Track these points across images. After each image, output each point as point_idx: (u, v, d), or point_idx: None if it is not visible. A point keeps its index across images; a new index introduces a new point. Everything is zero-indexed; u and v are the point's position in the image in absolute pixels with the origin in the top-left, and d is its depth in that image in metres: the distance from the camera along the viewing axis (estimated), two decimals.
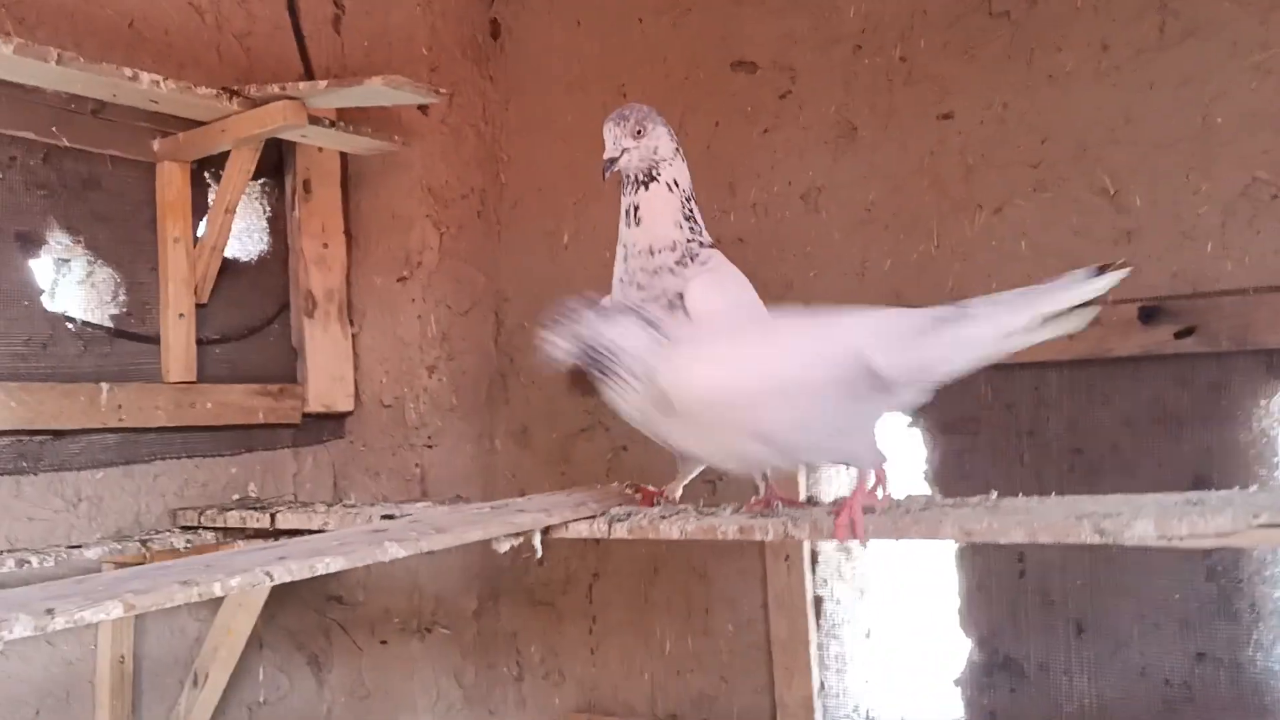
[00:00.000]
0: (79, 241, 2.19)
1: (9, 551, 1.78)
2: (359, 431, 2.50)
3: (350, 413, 2.50)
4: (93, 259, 2.23)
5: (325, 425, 2.48)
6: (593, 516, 1.54)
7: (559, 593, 2.42)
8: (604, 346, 1.42)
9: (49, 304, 2.15)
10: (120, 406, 2.13)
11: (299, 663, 2.33)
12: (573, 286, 2.37)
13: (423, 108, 2.57)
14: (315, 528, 1.82)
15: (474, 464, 2.57)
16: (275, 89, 2.11)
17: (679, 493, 1.68)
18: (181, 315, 2.24)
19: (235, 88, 2.16)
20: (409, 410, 2.49)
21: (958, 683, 2.04)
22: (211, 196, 2.37)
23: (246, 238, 2.47)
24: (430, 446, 2.48)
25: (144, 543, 1.91)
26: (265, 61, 2.55)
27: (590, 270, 2.48)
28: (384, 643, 2.37)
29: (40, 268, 2.16)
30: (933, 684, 2.10)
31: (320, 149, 2.50)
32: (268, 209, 2.52)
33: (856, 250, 2.21)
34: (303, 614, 2.33)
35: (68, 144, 2.17)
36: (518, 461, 2.56)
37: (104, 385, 2.11)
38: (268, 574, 1.21)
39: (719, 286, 1.59)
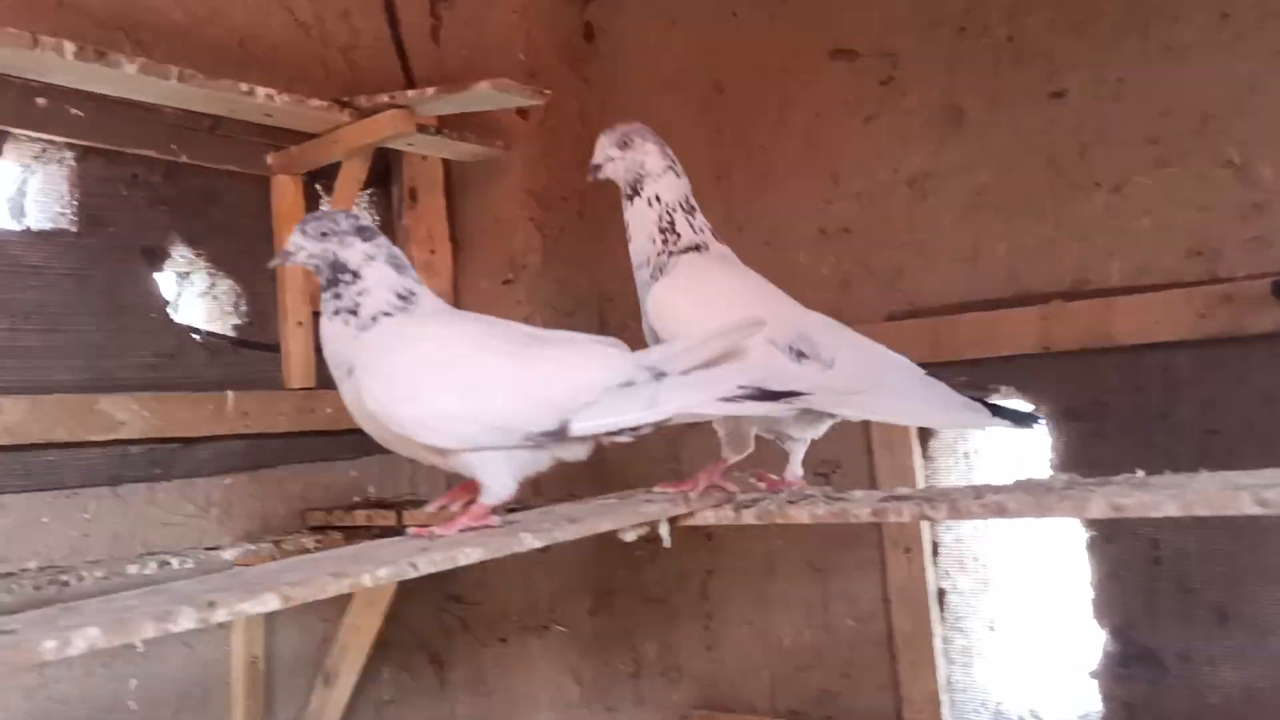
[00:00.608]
0: (200, 255, 2.27)
1: (149, 554, 1.85)
2: None
3: None
4: (213, 271, 2.30)
5: None
6: (719, 504, 1.53)
7: (673, 590, 2.41)
8: (346, 266, 1.39)
9: (175, 316, 2.24)
10: (246, 414, 2.19)
11: (421, 661, 2.37)
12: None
13: (522, 112, 2.60)
14: None
15: (583, 464, 2.57)
16: (385, 98, 2.16)
17: (799, 473, 1.63)
18: (300, 323, 2.30)
19: (345, 99, 2.21)
20: None
21: (1094, 675, 1.98)
22: (323, 207, 2.43)
23: None
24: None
25: (276, 543, 1.96)
26: (368, 73, 2.61)
27: None
28: (503, 641, 2.40)
29: (165, 281, 2.24)
30: (1064, 676, 2.04)
31: (424, 157, 2.54)
32: (376, 217, 2.57)
33: (968, 236, 2.16)
34: (424, 613, 2.37)
35: (187, 160, 2.25)
36: (626, 461, 2.56)
37: (229, 393, 2.17)
38: (412, 565, 1.22)
39: (669, 291, 1.56)
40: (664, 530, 1.51)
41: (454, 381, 1.36)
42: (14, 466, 1.94)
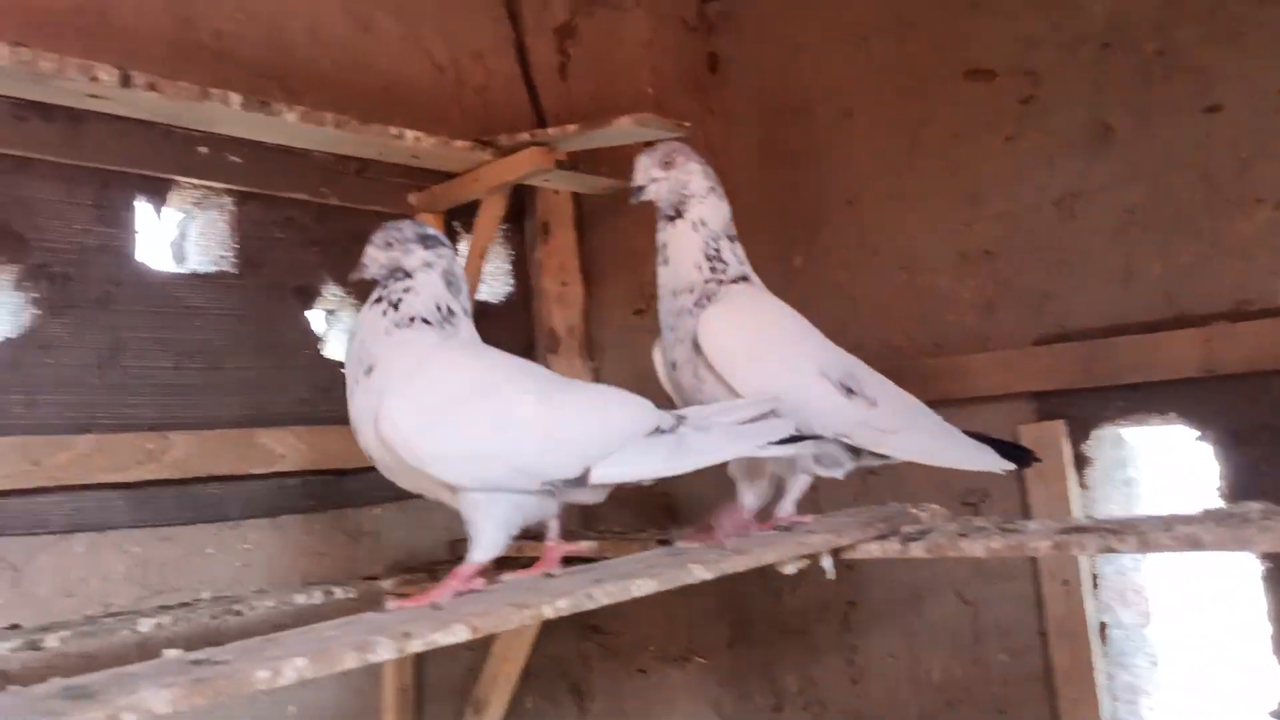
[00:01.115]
0: (348, 292, 2.35)
1: (314, 584, 1.90)
2: None
3: None
4: (358, 308, 2.38)
5: None
6: (884, 536, 1.50)
7: (813, 621, 2.38)
8: (403, 268, 1.41)
9: (326, 352, 2.31)
10: None
11: (562, 691, 2.39)
12: (807, 310, 2.35)
13: (649, 145, 2.62)
14: (591, 557, 1.86)
15: (720, 492, 2.57)
16: (525, 136, 2.21)
17: (790, 510, 1.63)
18: None
19: (486, 139, 2.27)
20: None
21: (1275, 715, 1.87)
22: (460, 245, 2.50)
23: (493, 280, 2.58)
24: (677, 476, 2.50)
25: (430, 573, 2.00)
26: (501, 112, 2.67)
27: (825, 292, 2.46)
28: (643, 671, 2.40)
29: (316, 318, 2.32)
30: (1238, 716, 1.94)
31: (556, 192, 2.59)
32: (511, 252, 2.62)
33: (1120, 256, 2.09)
34: (564, 643, 2.38)
35: (336, 202, 2.34)
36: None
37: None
38: (589, 596, 1.24)
39: (725, 320, 1.54)
40: (827, 563, 1.49)
41: (484, 417, 1.31)
42: (182, 499, 2.03)
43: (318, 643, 1.09)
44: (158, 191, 2.13)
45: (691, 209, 1.60)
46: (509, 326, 2.58)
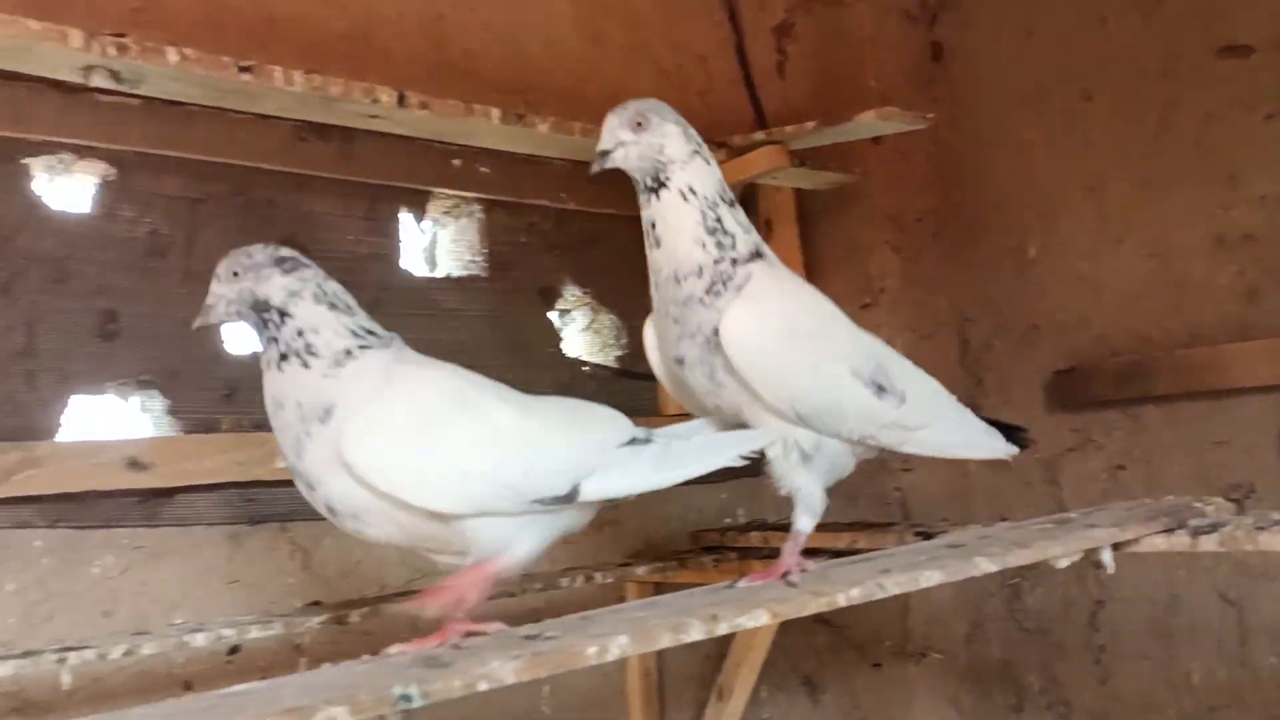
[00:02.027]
0: (587, 293, 2.46)
1: (577, 569, 2.00)
2: None
3: None
4: (596, 308, 2.48)
5: None
6: (1169, 530, 1.46)
7: (1056, 620, 2.32)
8: (269, 303, 1.22)
9: (566, 350, 2.43)
10: None
11: (795, 683, 2.42)
12: (1045, 302, 2.30)
13: (875, 138, 2.62)
14: (841, 547, 1.89)
15: (950, 487, 2.55)
16: (760, 135, 2.25)
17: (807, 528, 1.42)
18: None
19: (719, 139, 2.32)
20: None
21: None
22: None
23: None
24: (907, 470, 2.50)
25: (680, 562, 2.07)
26: (722, 113, 2.72)
27: (1063, 283, 2.40)
28: (877, 666, 2.40)
29: (556, 319, 2.44)
30: None
31: (778, 188, 2.62)
32: None
33: None
34: (795, 635, 2.41)
35: (574, 207, 2.45)
36: (996, 485, 2.50)
37: None
38: (880, 585, 1.26)
39: (754, 319, 1.31)
40: (1107, 557, 1.46)
41: (464, 433, 1.19)
42: None
43: (633, 622, 1.16)
44: (418, 202, 2.29)
45: (674, 176, 1.35)
46: None
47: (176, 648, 1.65)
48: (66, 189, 1.95)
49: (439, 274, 2.31)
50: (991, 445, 1.48)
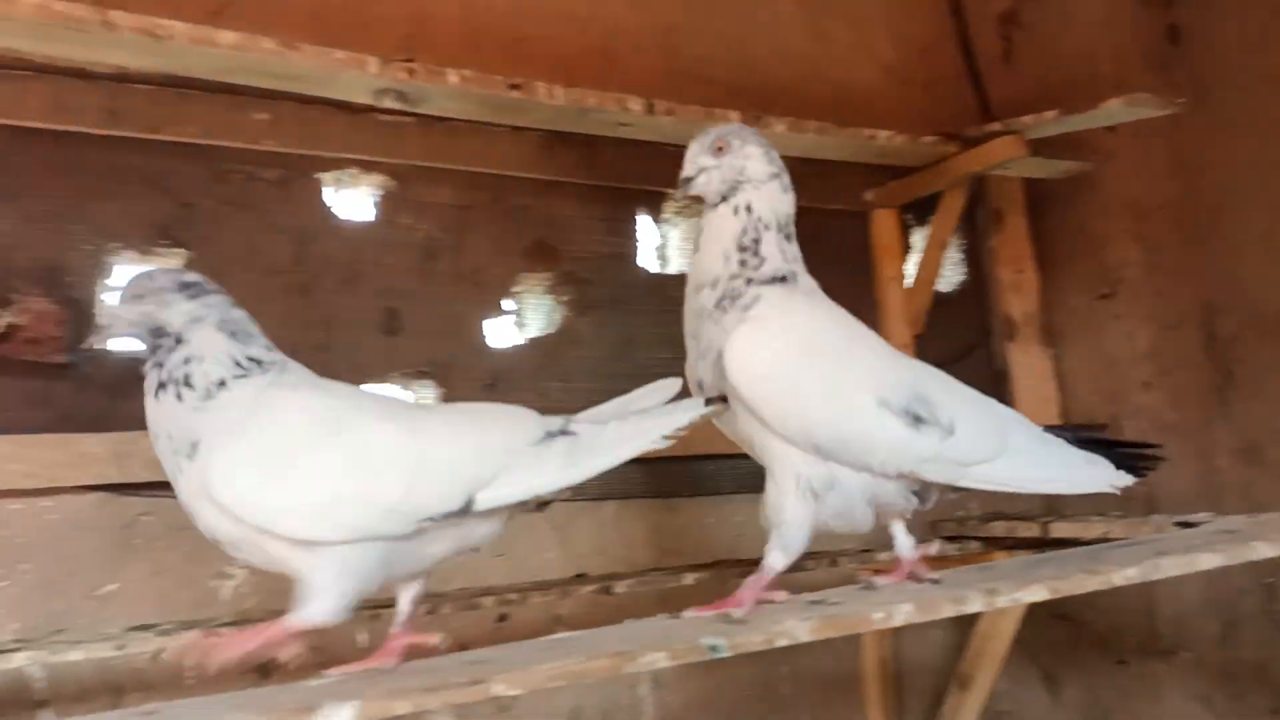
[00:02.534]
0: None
1: (822, 554, 2.06)
2: None
3: None
4: None
5: None
6: None
7: None
8: (166, 329, 1.19)
9: None
10: None
11: (1033, 677, 2.40)
12: None
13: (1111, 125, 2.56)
14: (1093, 537, 1.88)
15: (1197, 483, 2.46)
16: (996, 126, 2.25)
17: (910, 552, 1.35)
18: (904, 347, 2.45)
19: (952, 131, 2.34)
20: (1125, 429, 2.46)
21: None
22: (912, 238, 2.59)
23: (947, 270, 2.64)
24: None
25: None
26: (946, 105, 2.73)
27: None
28: (1122, 662, 2.35)
29: None
30: None
31: (1006, 178, 2.60)
32: (963, 242, 2.67)
33: None
34: (1032, 629, 2.39)
35: (801, 204, 2.51)
36: (1248, 481, 2.39)
37: None
38: (1155, 566, 1.27)
39: (756, 341, 1.25)
40: None
41: (334, 456, 1.14)
42: (686, 475, 2.28)
43: (914, 593, 1.21)
44: (653, 203, 2.42)
45: (741, 193, 1.33)
46: (962, 316, 2.63)
47: (453, 613, 1.82)
48: (353, 200, 2.18)
49: (673, 271, 2.43)
50: (1089, 477, 1.33)
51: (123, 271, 1.95)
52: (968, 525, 2.19)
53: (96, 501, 1.86)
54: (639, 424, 1.24)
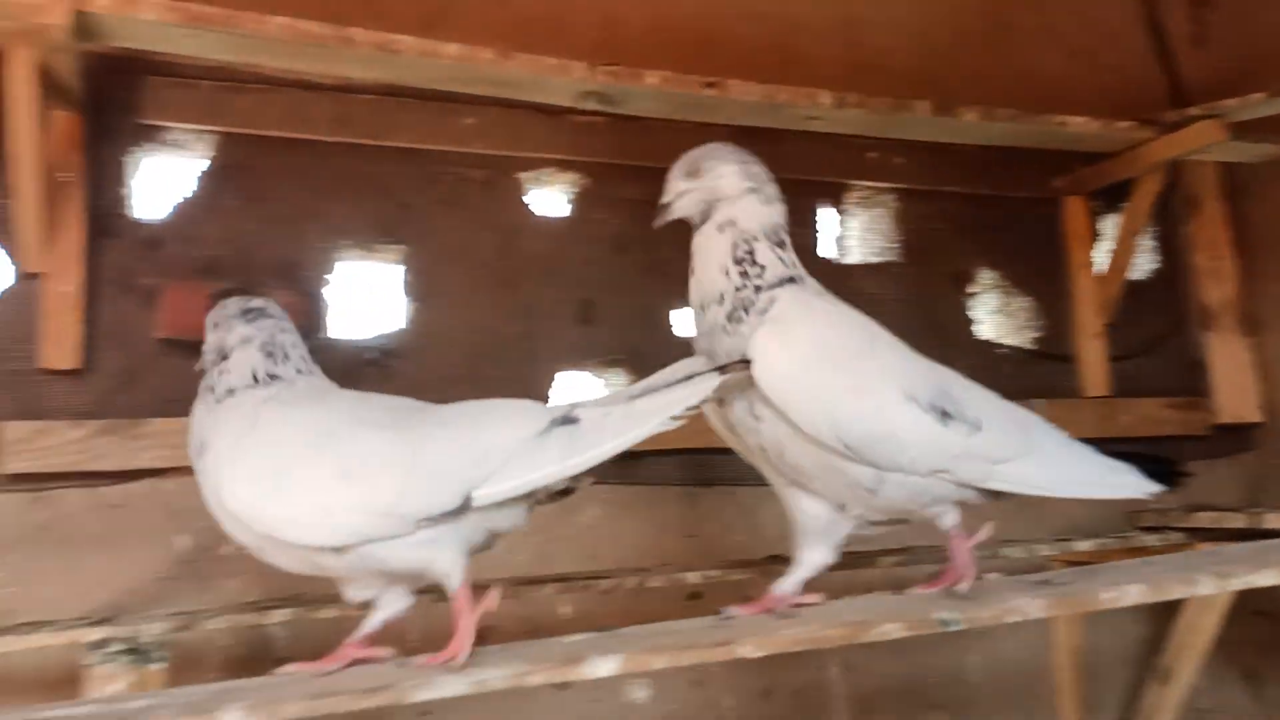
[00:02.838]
0: (1000, 276, 2.50)
1: (1014, 542, 2.05)
2: (1271, 443, 2.45)
3: (1260, 424, 2.46)
4: (1009, 290, 2.52)
5: (1234, 437, 2.47)
6: None
7: None
8: (224, 351, 1.29)
9: (980, 333, 2.49)
10: (1052, 419, 2.35)
11: (1233, 675, 2.34)
12: None
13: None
14: (1240, 526, 1.83)
15: None
16: (1194, 111, 2.19)
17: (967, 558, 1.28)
18: (1095, 335, 2.42)
19: (1148, 116, 2.29)
20: None
21: None
22: (1099, 225, 2.54)
23: (1139, 257, 2.58)
24: None
25: (1121, 539, 2.08)
26: (1134, 89, 2.67)
27: None
28: None
29: (970, 302, 2.51)
30: None
31: (1202, 164, 2.52)
32: (1154, 228, 2.61)
33: None
34: (1235, 628, 2.32)
35: (984, 191, 2.51)
36: None
37: (1033, 402, 2.35)
38: None
39: (780, 341, 1.22)
40: None
41: (325, 466, 1.17)
42: None
43: (1142, 575, 1.23)
44: (834, 195, 2.45)
45: (719, 212, 1.32)
46: (1155, 305, 2.57)
47: (637, 590, 1.89)
48: (550, 198, 2.30)
49: (855, 261, 2.46)
50: (1118, 483, 1.30)
51: (347, 268, 2.13)
52: (1170, 516, 2.15)
53: None
54: (647, 405, 1.20)
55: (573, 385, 2.24)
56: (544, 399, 2.19)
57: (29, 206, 1.81)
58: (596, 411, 1.21)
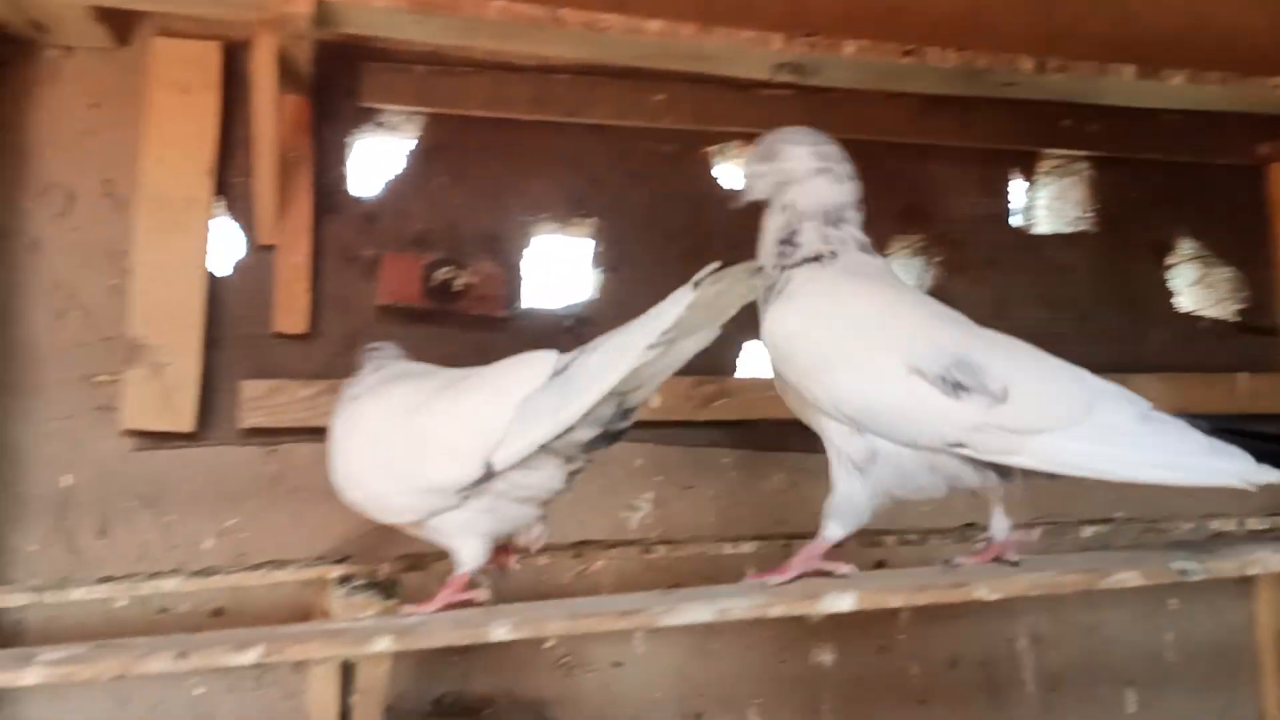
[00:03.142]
0: (1201, 246, 2.42)
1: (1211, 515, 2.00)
2: None
3: None
4: (1210, 261, 2.44)
5: None
6: None
7: None
8: None
9: (1179, 305, 2.42)
10: (1257, 394, 2.28)
11: None
12: None
13: None
14: None
15: None
16: None
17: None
18: None
19: None
20: None
21: None
22: None
23: None
24: None
25: None
26: None
27: None
28: None
29: (1170, 272, 2.43)
30: None
31: None
32: None
33: None
34: None
35: (1185, 159, 2.42)
36: None
37: (1241, 375, 2.28)
38: None
39: (785, 319, 1.23)
40: None
41: (354, 458, 1.31)
42: None
43: None
44: (1026, 164, 2.42)
45: (784, 194, 1.33)
46: None
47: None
48: (736, 171, 2.34)
49: (1046, 232, 2.42)
50: (1211, 468, 1.11)
51: (543, 241, 2.23)
52: None
53: None
54: (624, 339, 1.19)
55: (759, 354, 2.29)
56: (731, 367, 2.25)
57: (266, 184, 1.97)
58: (583, 355, 1.21)
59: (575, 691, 2.10)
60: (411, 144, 2.20)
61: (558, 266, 2.25)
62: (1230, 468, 1.10)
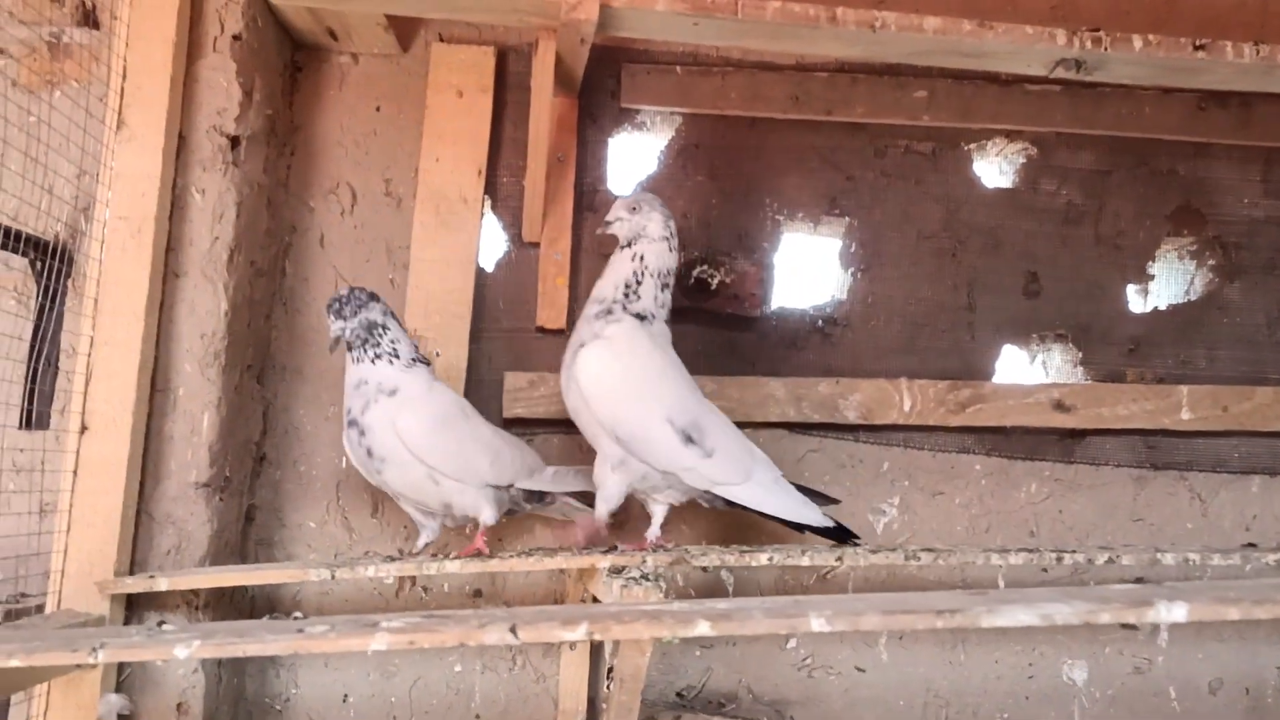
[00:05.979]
0: None
1: None
2: None
3: None
4: None
5: None
6: None
7: None
8: (375, 323, 1.79)
9: None
10: None
11: None
12: None
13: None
14: None
15: None
16: None
17: (657, 533, 1.82)
18: None
19: None
20: None
21: None
22: None
23: None
24: None
25: None
26: None
27: None
28: None
29: None
30: None
31: None
32: None
33: None
34: None
35: None
36: None
37: None
38: None
39: (598, 357, 1.71)
40: None
41: (464, 434, 1.80)
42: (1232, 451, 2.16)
43: None
44: None
45: (638, 245, 1.78)
46: None
47: (1083, 566, 1.84)
48: (996, 168, 2.27)
49: None
50: (809, 514, 1.77)
51: (794, 239, 2.22)
52: None
53: (775, 436, 2.14)
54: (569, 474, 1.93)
55: (1019, 357, 2.22)
56: (986, 372, 2.19)
57: (536, 183, 2.04)
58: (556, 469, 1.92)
59: (816, 694, 2.10)
60: (667, 143, 2.22)
61: (808, 266, 2.24)
62: (812, 515, 1.77)
